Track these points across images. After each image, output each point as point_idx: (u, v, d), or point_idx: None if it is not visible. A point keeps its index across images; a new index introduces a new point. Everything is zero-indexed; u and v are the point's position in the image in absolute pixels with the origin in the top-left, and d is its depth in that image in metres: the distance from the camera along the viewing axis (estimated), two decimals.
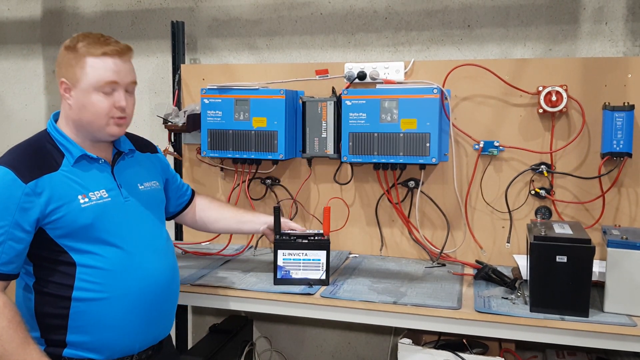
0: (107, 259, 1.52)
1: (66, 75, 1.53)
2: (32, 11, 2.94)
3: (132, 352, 1.58)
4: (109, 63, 1.52)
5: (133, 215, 1.60)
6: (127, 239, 1.56)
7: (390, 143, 2.11)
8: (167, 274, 1.64)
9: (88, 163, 1.56)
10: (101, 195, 1.53)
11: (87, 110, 1.53)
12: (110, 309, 1.51)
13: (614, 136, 2.01)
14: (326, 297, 1.87)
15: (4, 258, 1.43)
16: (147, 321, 1.59)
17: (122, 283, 1.52)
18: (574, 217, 2.17)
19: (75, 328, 1.50)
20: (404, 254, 2.37)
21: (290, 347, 2.75)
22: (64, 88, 1.54)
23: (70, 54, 1.53)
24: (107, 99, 1.53)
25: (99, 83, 1.52)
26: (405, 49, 2.44)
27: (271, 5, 2.58)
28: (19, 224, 1.43)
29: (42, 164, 1.49)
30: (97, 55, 1.51)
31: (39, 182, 1.46)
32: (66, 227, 1.48)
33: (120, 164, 1.64)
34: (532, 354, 2.28)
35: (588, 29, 2.25)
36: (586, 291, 1.69)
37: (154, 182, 1.73)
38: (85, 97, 1.52)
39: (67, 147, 1.55)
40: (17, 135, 3.02)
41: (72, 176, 1.52)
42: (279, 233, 1.97)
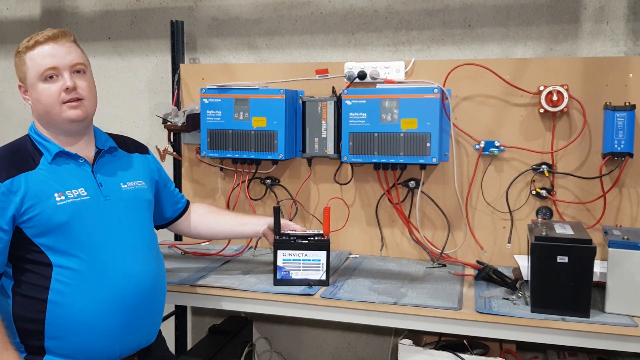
0: (84, 260, 1.49)
1: (19, 78, 1.59)
2: (31, 11, 2.94)
3: (112, 359, 1.54)
4: (43, 50, 1.53)
5: (113, 215, 1.57)
6: (106, 239, 1.53)
7: (391, 143, 2.10)
8: (147, 277, 1.59)
9: (66, 160, 1.55)
10: (79, 194, 1.51)
11: (40, 103, 1.54)
12: (85, 312, 1.48)
13: (615, 136, 2.01)
14: (326, 297, 1.86)
15: None
16: (126, 326, 1.54)
17: (98, 286, 1.49)
18: (575, 217, 2.16)
19: (51, 333, 1.47)
20: (405, 255, 2.36)
21: (290, 348, 2.75)
22: (23, 91, 1.58)
23: (16, 58, 1.59)
24: (53, 85, 1.53)
25: (39, 71, 1.53)
26: (406, 49, 2.43)
27: (271, 4, 2.57)
28: None
29: (19, 164, 1.50)
30: (32, 48, 1.54)
31: (15, 181, 1.46)
32: (41, 226, 1.46)
33: (101, 161, 1.62)
34: (533, 354, 2.27)
35: (589, 28, 2.24)
36: (587, 292, 1.68)
37: (139, 182, 1.69)
38: (35, 90, 1.54)
39: (44, 145, 1.55)
40: (17, 135, 3.01)
41: (50, 174, 1.51)
42: (279, 233, 1.96)
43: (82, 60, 1.58)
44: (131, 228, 1.61)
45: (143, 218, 1.67)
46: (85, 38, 2.85)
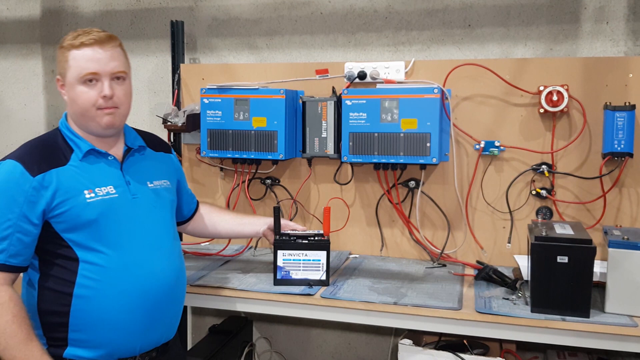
0: (110, 256, 1.51)
1: (59, 72, 1.57)
2: (31, 11, 2.94)
3: (133, 354, 1.57)
4: (88, 53, 1.52)
5: (140, 213, 1.59)
6: (132, 237, 1.55)
7: (391, 143, 2.10)
8: (171, 275, 1.62)
9: (96, 158, 1.57)
10: (108, 191, 1.53)
11: (76, 104, 1.54)
12: (110, 308, 1.50)
13: (615, 136, 2.01)
14: (326, 297, 1.86)
15: (11, 250, 1.44)
16: (148, 322, 1.57)
17: (124, 282, 1.51)
18: (575, 217, 2.16)
19: (75, 326, 1.50)
20: (405, 255, 2.36)
21: (290, 348, 2.75)
22: (60, 85, 1.58)
23: (59, 51, 1.56)
24: (91, 90, 1.53)
25: (80, 74, 1.52)
26: (406, 49, 2.43)
27: (271, 4, 2.57)
28: (27, 217, 1.45)
29: (50, 159, 1.50)
30: (77, 47, 1.52)
31: (46, 176, 1.47)
32: (70, 221, 1.48)
33: (130, 160, 1.64)
34: (533, 354, 2.27)
35: (589, 28, 2.24)
36: (587, 292, 1.68)
37: (164, 181, 1.71)
38: (73, 91, 1.54)
39: (75, 142, 1.56)
40: (17, 135, 3.03)
41: (80, 171, 1.52)
42: (279, 233, 1.96)
43: (124, 68, 1.59)
44: (156, 226, 1.63)
45: (167, 217, 1.69)
46: None
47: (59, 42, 1.58)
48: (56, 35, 2.89)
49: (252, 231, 2.01)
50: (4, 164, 1.49)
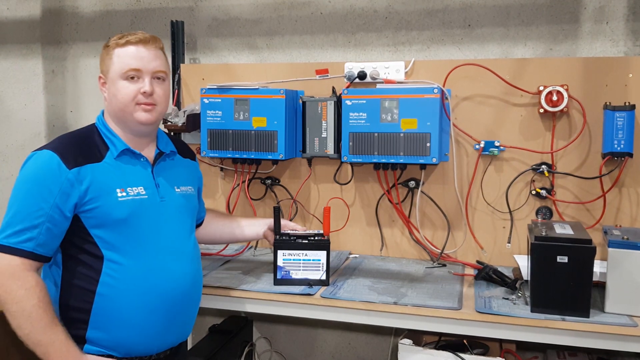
0: (134, 257, 1.53)
1: (102, 70, 1.62)
2: (32, 11, 2.94)
3: (149, 353, 1.59)
4: (132, 50, 1.58)
5: (166, 216, 1.62)
6: (157, 239, 1.58)
7: (391, 143, 2.10)
8: (190, 278, 1.65)
9: (130, 158, 1.60)
10: (139, 192, 1.56)
11: (116, 99, 1.58)
12: (131, 307, 1.52)
13: (615, 136, 2.01)
14: (326, 297, 1.86)
15: (40, 239, 1.45)
16: (166, 323, 1.59)
17: (145, 283, 1.54)
18: (575, 217, 2.17)
19: (95, 323, 1.51)
20: (405, 254, 2.36)
21: (290, 348, 2.75)
22: (101, 83, 1.63)
23: (104, 51, 1.62)
24: (132, 85, 1.58)
25: (123, 70, 1.57)
26: (406, 49, 2.43)
27: (271, 4, 2.57)
28: (59, 208, 1.47)
29: (86, 154, 1.53)
30: (122, 45, 1.58)
31: (82, 170, 1.50)
32: (100, 218, 1.50)
33: (161, 164, 1.67)
34: (532, 354, 2.28)
35: (589, 28, 2.24)
36: (587, 291, 1.68)
37: (189, 187, 1.75)
38: (114, 86, 1.58)
39: (112, 140, 1.59)
40: (17, 135, 3.03)
41: (114, 169, 1.55)
42: (279, 233, 1.96)
43: (165, 69, 1.64)
44: (179, 231, 1.66)
45: (189, 222, 1.72)
46: (86, 38, 2.85)
47: (60, 41, 1.61)
48: (56, 35, 2.89)
49: (253, 233, 2.02)
50: (41, 154, 1.51)
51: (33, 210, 1.46)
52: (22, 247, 1.44)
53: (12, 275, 1.43)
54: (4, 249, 1.44)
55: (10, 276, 1.43)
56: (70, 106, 2.93)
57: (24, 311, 1.42)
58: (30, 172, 1.50)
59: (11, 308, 1.43)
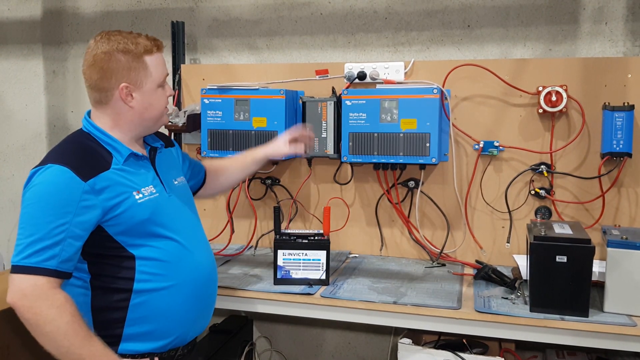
0: (164, 250, 1.54)
1: (129, 79, 1.53)
2: (32, 11, 2.95)
3: (183, 343, 1.61)
4: (160, 57, 1.59)
5: (177, 209, 1.63)
6: (178, 231, 1.59)
7: (390, 143, 2.11)
8: (211, 264, 1.68)
9: (134, 161, 1.58)
10: (151, 191, 1.56)
11: (153, 108, 1.58)
12: (169, 298, 1.54)
13: (614, 136, 2.02)
14: (326, 297, 1.87)
15: (63, 255, 1.42)
16: (199, 310, 1.63)
17: (179, 273, 1.55)
18: (574, 217, 2.17)
19: (133, 320, 1.51)
20: (404, 254, 2.37)
21: (290, 347, 2.75)
22: (127, 93, 1.53)
23: (126, 57, 1.52)
24: (164, 92, 1.61)
25: (160, 78, 1.58)
26: (405, 49, 2.44)
27: (271, 5, 2.58)
28: (79, 222, 1.43)
29: (95, 163, 1.50)
30: (153, 53, 1.56)
31: (97, 181, 1.46)
32: (125, 223, 1.49)
33: (157, 160, 1.67)
34: (532, 354, 2.28)
35: (588, 29, 2.25)
36: (586, 291, 1.69)
37: (182, 178, 1.76)
38: (152, 96, 1.57)
39: (115, 147, 1.55)
40: (17, 135, 3.04)
41: (124, 174, 1.53)
42: (279, 233, 1.97)
43: None
44: (192, 220, 1.68)
45: (195, 211, 1.75)
46: (86, 39, 2.85)
47: (60, 41, 1.58)
48: (57, 35, 2.90)
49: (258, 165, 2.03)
50: (52, 168, 1.45)
51: (53, 227, 1.40)
52: (46, 265, 1.39)
53: (40, 296, 1.38)
54: (27, 270, 1.39)
55: (38, 297, 1.38)
56: (71, 106, 2.94)
57: (60, 329, 1.38)
58: (43, 189, 1.43)
59: (45, 329, 1.38)
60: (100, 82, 1.52)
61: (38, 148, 3.01)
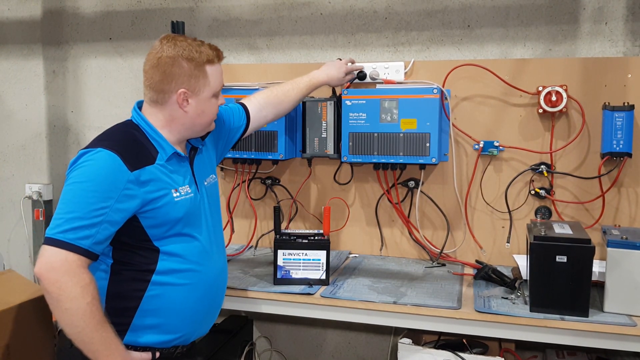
0: (188, 249, 1.58)
1: (188, 85, 1.56)
2: (32, 11, 2.95)
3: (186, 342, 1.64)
4: (220, 69, 1.63)
5: (207, 210, 1.67)
6: (204, 232, 1.63)
7: (390, 143, 2.11)
8: (224, 266, 1.73)
9: (176, 160, 1.61)
10: (187, 191, 1.59)
11: (205, 115, 1.62)
12: (184, 295, 1.56)
13: (614, 136, 2.02)
14: (326, 297, 1.87)
15: (98, 237, 1.43)
16: (208, 312, 1.67)
17: (199, 273, 1.59)
18: (574, 217, 2.17)
19: (145, 311, 1.53)
20: (404, 254, 2.37)
21: (290, 347, 2.75)
22: (183, 98, 1.57)
23: (189, 64, 1.56)
24: (217, 101, 1.65)
25: (218, 89, 1.62)
26: (405, 49, 2.44)
27: (271, 5, 2.58)
28: (119, 209, 1.45)
29: (142, 156, 1.53)
30: (214, 63, 1.60)
31: (143, 173, 1.49)
32: (159, 218, 1.52)
33: (196, 160, 1.70)
34: (532, 353, 2.28)
35: (588, 29, 2.25)
36: (586, 291, 1.69)
37: (212, 176, 1.77)
38: (207, 104, 1.61)
39: (160, 143, 1.58)
40: (18, 135, 3.04)
41: (166, 170, 1.56)
42: (279, 233, 1.97)
43: None
44: (216, 222, 1.72)
45: (219, 211, 1.78)
46: (87, 38, 2.86)
47: (61, 42, 1.57)
48: (57, 35, 2.90)
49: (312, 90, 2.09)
50: (101, 152, 1.47)
51: (93, 209, 1.42)
52: (80, 244, 1.41)
53: (67, 272, 1.39)
54: (61, 244, 1.40)
55: (66, 272, 1.39)
56: (71, 106, 2.94)
57: (79, 309, 1.39)
58: (91, 171, 1.45)
59: (65, 305, 1.39)
60: (161, 84, 1.55)
61: (38, 148, 3.01)
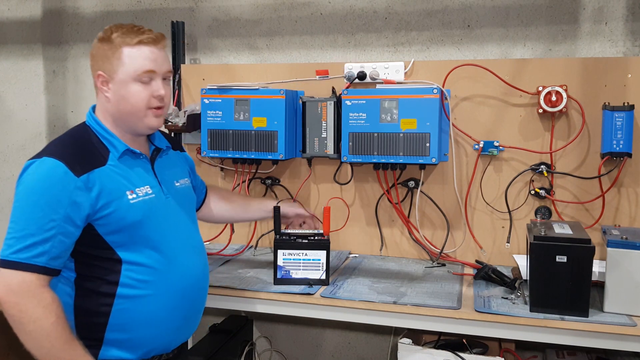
0: (153, 256, 1.50)
1: (103, 68, 1.51)
2: (32, 11, 2.95)
3: (166, 351, 1.58)
4: (145, 51, 1.50)
5: (174, 212, 1.59)
6: (171, 236, 1.55)
7: (390, 143, 2.11)
8: (202, 271, 1.64)
9: (131, 159, 1.54)
10: (146, 192, 1.52)
11: (126, 102, 1.51)
12: (153, 306, 1.50)
13: (614, 136, 2.02)
14: (326, 297, 1.87)
15: (53, 252, 1.38)
16: (185, 319, 1.59)
17: (166, 281, 1.52)
18: (574, 217, 2.17)
19: (115, 326, 1.47)
20: (404, 254, 2.37)
21: (290, 347, 2.75)
22: (101, 81, 1.52)
23: (105, 46, 1.50)
24: (145, 89, 1.51)
25: (137, 72, 1.49)
26: (405, 49, 2.44)
27: (271, 5, 2.58)
28: (70, 218, 1.39)
29: (90, 159, 1.46)
30: (132, 45, 1.49)
31: (90, 177, 1.43)
32: (115, 224, 1.45)
33: (159, 160, 1.64)
34: (532, 353, 2.28)
35: (588, 29, 2.25)
36: (586, 291, 1.69)
37: (185, 180, 1.73)
38: (124, 88, 1.50)
39: (111, 141, 1.52)
40: (17, 135, 3.04)
41: (119, 171, 1.49)
42: (279, 233, 1.97)
43: (172, 69, 1.60)
44: (188, 225, 1.64)
45: (193, 214, 1.72)
46: (87, 39, 2.86)
47: (60, 41, 1.56)
48: (57, 35, 2.90)
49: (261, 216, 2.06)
50: (44, 161, 1.42)
51: (43, 223, 1.37)
52: (35, 262, 1.36)
53: (27, 294, 1.35)
54: (15, 266, 1.35)
55: (25, 294, 1.35)
56: (71, 106, 2.94)
57: (43, 330, 1.35)
58: (35, 182, 1.41)
59: (28, 327, 1.35)
60: (91, 70, 1.55)
61: (38, 148, 2.96)
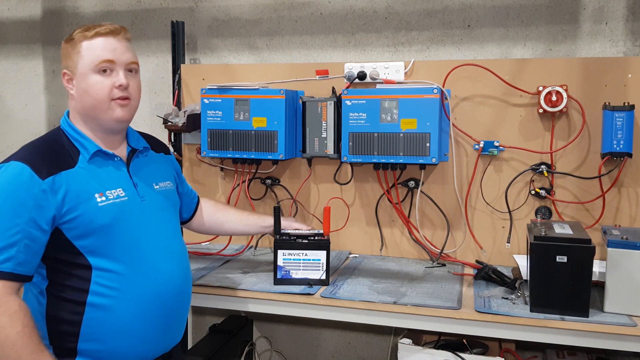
0: (125, 263, 1.46)
1: (66, 66, 1.52)
2: (32, 11, 2.95)
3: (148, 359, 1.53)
4: (102, 42, 1.49)
5: (149, 216, 1.55)
6: (145, 241, 1.51)
7: (390, 143, 2.11)
8: (181, 278, 1.59)
9: (103, 160, 1.51)
10: (118, 194, 1.48)
11: (88, 95, 1.49)
12: (126, 315, 1.45)
13: (614, 136, 2.01)
14: (326, 297, 1.87)
15: (20, 257, 1.35)
16: (162, 328, 1.53)
17: (140, 288, 1.47)
18: (574, 217, 2.17)
19: (87, 335, 1.43)
20: (404, 254, 2.37)
21: (290, 347, 2.75)
22: (67, 79, 1.52)
23: (67, 44, 1.52)
24: (106, 79, 1.49)
25: (95, 62, 1.48)
26: (405, 49, 2.44)
27: (271, 5, 2.58)
28: (36, 222, 1.37)
29: (58, 161, 1.44)
30: (90, 38, 1.49)
31: (56, 179, 1.40)
32: (82, 227, 1.42)
33: (135, 162, 1.60)
34: (532, 354, 2.28)
35: (588, 28, 2.25)
36: (586, 291, 1.69)
37: (167, 183, 1.68)
38: (85, 81, 1.48)
39: (81, 142, 1.50)
40: (17, 135, 3.04)
41: (89, 173, 1.46)
42: (279, 233, 1.97)
43: (137, 60, 1.56)
44: (166, 229, 1.60)
45: (174, 219, 1.67)
46: None
47: (60, 41, 1.56)
48: (57, 35, 2.90)
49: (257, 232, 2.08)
50: (9, 165, 1.40)
51: (8, 228, 1.34)
52: (1, 268, 1.33)
53: None
54: None
55: None
56: None
57: (8, 339, 1.31)
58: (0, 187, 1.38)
59: None
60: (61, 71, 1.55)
61: None
